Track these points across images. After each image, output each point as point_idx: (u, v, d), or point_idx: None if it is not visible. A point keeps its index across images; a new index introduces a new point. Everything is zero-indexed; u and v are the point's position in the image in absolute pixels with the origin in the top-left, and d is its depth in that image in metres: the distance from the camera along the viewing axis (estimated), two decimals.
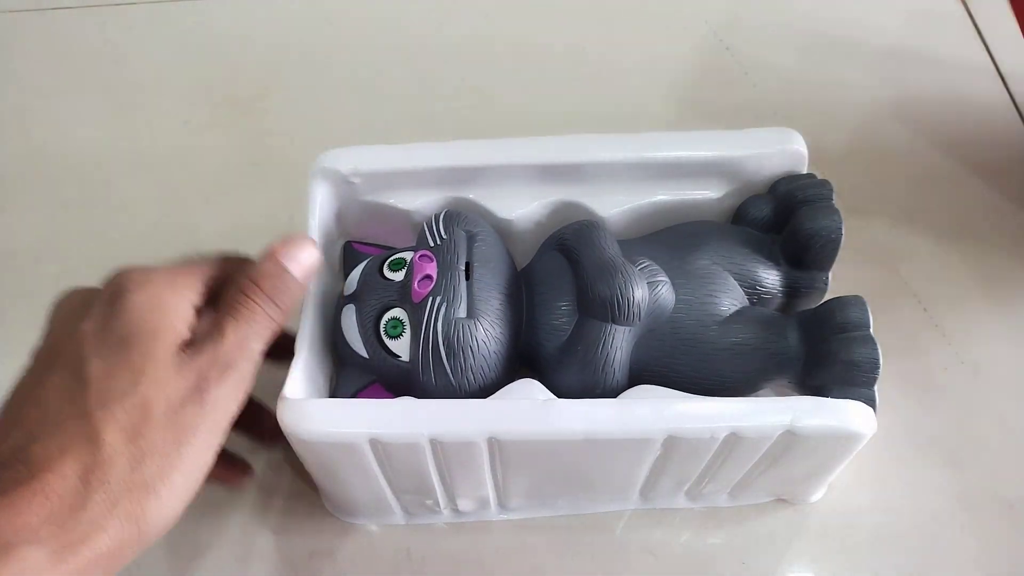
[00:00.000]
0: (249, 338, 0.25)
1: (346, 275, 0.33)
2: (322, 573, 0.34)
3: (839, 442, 0.29)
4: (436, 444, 0.28)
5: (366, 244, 0.35)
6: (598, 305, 0.29)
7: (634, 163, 0.33)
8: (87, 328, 0.25)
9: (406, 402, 0.28)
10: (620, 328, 0.29)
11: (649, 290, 0.29)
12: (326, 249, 0.33)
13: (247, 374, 0.25)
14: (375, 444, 0.27)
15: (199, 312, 0.26)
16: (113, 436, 0.22)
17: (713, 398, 0.28)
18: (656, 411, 0.28)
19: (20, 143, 0.47)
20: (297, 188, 0.44)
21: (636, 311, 0.29)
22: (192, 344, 0.25)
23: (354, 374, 0.31)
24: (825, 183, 0.32)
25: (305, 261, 0.27)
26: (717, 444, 0.28)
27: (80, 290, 0.27)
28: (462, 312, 0.28)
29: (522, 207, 0.34)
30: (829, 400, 0.28)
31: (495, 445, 0.28)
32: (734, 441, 0.28)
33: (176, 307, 0.25)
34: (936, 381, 0.38)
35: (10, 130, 0.47)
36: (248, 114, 0.48)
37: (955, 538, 0.34)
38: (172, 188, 0.45)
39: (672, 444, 0.28)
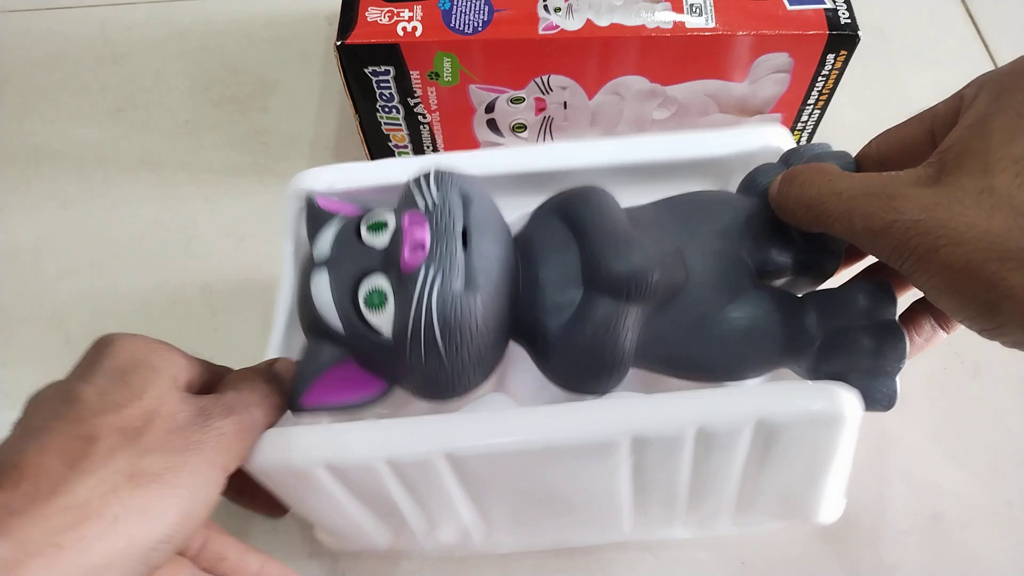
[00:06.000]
0: (250, 403, 0.25)
1: (311, 235, 0.29)
2: (322, 572, 0.33)
3: (820, 430, 0.27)
4: (395, 466, 0.26)
5: (333, 200, 0.31)
6: (611, 281, 0.26)
7: (618, 168, 0.32)
8: (73, 374, 0.24)
9: (358, 425, 0.27)
10: (633, 307, 0.26)
11: (667, 267, 0.26)
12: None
13: (249, 426, 0.25)
14: (332, 471, 0.26)
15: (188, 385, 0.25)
16: (110, 435, 0.22)
17: (676, 393, 0.27)
18: (616, 412, 0.26)
19: (20, 143, 0.47)
20: None
21: (653, 289, 0.26)
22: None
23: (323, 349, 0.27)
24: (844, 154, 0.29)
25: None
26: (688, 444, 0.27)
27: (54, 383, 0.25)
28: (459, 285, 0.25)
29: (506, 218, 0.32)
30: (801, 383, 0.27)
31: (455, 463, 0.26)
32: (707, 439, 0.26)
33: (171, 356, 0.25)
34: (936, 381, 0.38)
35: (10, 130, 0.47)
36: (248, 114, 0.48)
37: (955, 538, 0.34)
38: (172, 188, 0.45)
39: (640, 448, 0.27)
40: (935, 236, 0.21)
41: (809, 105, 0.39)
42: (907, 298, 0.29)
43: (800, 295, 0.29)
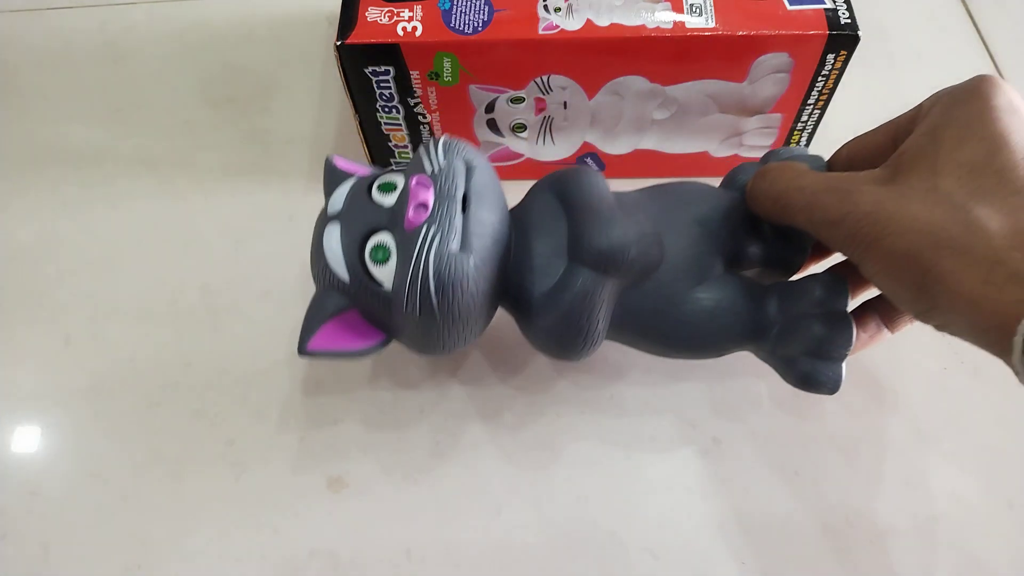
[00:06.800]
0: None
1: (327, 193, 0.32)
2: (322, 572, 0.34)
3: None
4: None
5: (350, 161, 0.33)
6: (592, 255, 0.28)
7: None
8: None
9: None
10: (609, 280, 0.29)
11: (644, 246, 0.29)
12: None
13: None
14: None
15: None
16: None
17: None
18: None
19: (20, 143, 0.47)
20: (297, 188, 0.44)
21: (628, 266, 0.28)
22: None
23: (330, 298, 0.29)
24: (817, 157, 0.32)
25: None
26: None
27: None
28: (455, 246, 0.27)
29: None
30: None
31: None
32: None
33: None
34: (936, 381, 0.38)
35: (10, 130, 0.47)
36: (248, 114, 0.48)
37: (955, 538, 0.34)
38: (172, 188, 0.45)
39: None
40: (882, 226, 0.24)
41: (809, 105, 0.39)
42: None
43: (765, 284, 0.31)
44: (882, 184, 0.25)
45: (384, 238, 0.28)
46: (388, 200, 0.29)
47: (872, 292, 0.30)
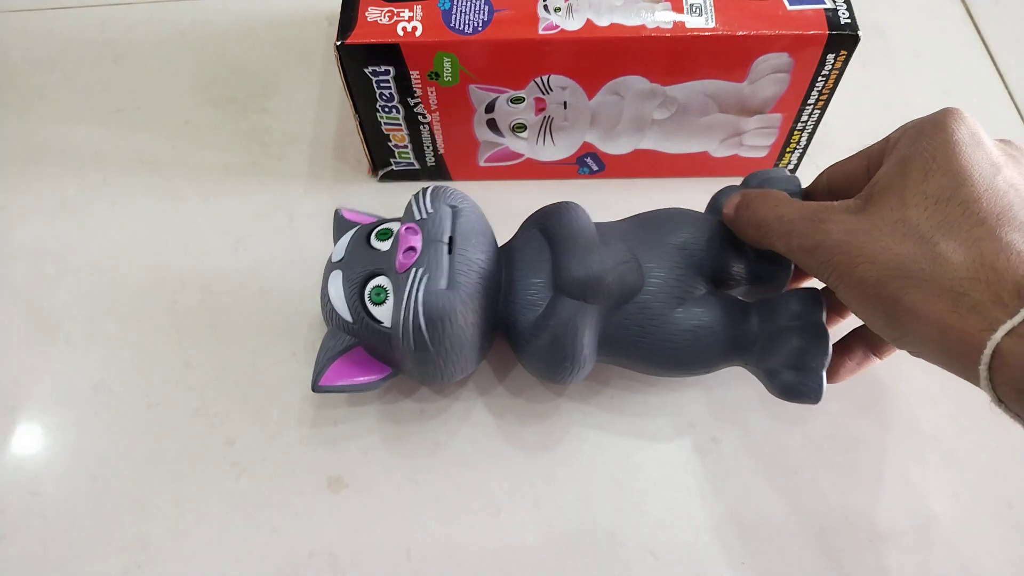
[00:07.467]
0: None
1: (335, 241, 0.35)
2: (322, 572, 0.34)
3: None
4: None
5: (355, 212, 0.37)
6: (571, 284, 0.30)
7: None
8: None
9: None
10: (591, 307, 0.30)
11: (621, 273, 0.30)
12: None
13: None
14: None
15: None
16: None
17: None
18: None
19: (20, 143, 0.47)
20: (297, 188, 0.44)
21: (607, 292, 0.30)
22: None
23: (338, 337, 0.33)
24: (793, 179, 0.33)
25: None
26: None
27: None
28: (443, 284, 0.29)
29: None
30: None
31: None
32: None
33: None
34: (935, 381, 0.38)
35: (10, 130, 0.47)
36: (248, 114, 0.48)
37: (955, 538, 0.34)
38: (172, 188, 0.45)
39: None
40: (854, 256, 0.25)
41: (809, 105, 0.39)
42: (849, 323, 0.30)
43: (747, 302, 0.33)
44: (854, 213, 0.26)
45: (382, 281, 0.31)
46: (384, 246, 0.32)
47: (855, 320, 0.31)
